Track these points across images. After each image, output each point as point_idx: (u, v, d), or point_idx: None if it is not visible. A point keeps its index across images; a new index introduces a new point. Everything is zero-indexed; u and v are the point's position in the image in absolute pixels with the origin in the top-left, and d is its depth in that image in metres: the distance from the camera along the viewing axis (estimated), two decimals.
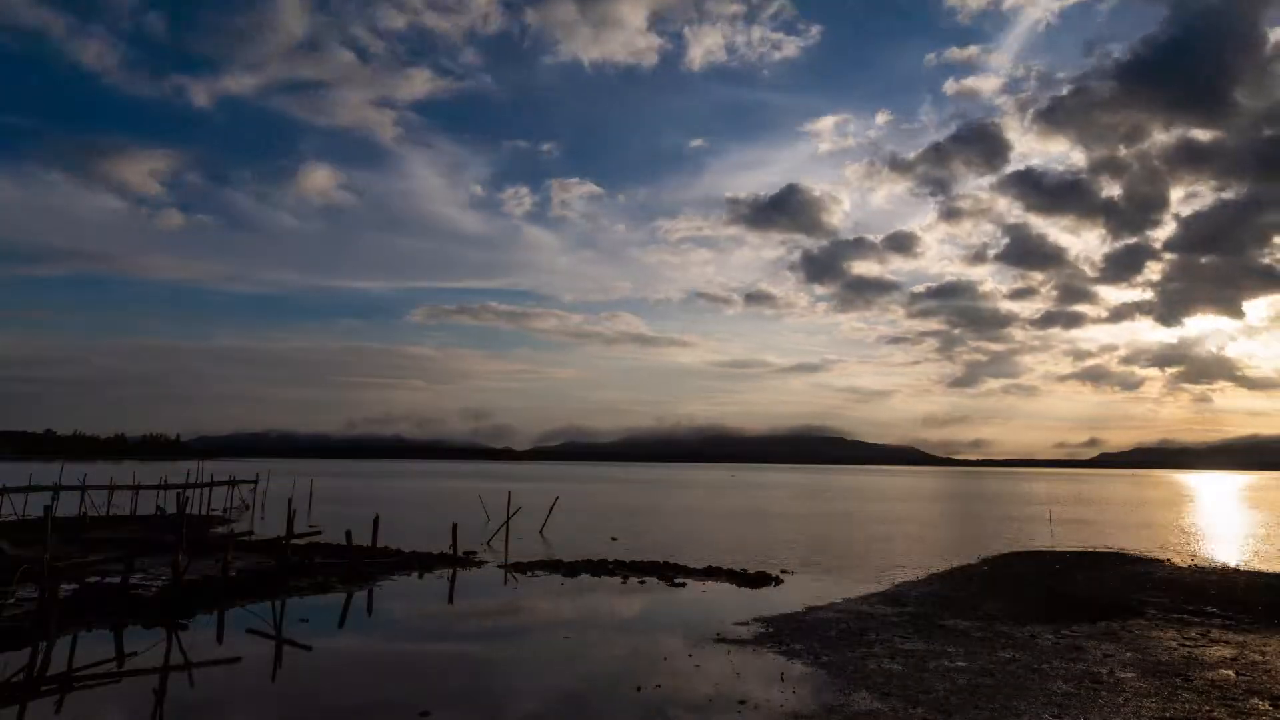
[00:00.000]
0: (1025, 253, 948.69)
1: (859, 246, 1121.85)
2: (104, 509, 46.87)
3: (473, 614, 21.84)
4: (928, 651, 16.69)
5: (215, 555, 26.44)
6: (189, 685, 14.61)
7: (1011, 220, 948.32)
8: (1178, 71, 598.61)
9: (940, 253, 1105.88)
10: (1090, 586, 25.94)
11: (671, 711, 12.94)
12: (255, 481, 61.53)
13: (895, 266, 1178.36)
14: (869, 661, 15.82)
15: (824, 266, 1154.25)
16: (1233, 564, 32.86)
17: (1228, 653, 16.87)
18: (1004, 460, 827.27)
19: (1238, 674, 15.06)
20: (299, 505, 39.66)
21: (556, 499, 52.58)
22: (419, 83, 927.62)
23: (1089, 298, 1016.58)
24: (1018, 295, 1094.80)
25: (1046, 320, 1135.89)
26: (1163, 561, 33.15)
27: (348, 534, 28.80)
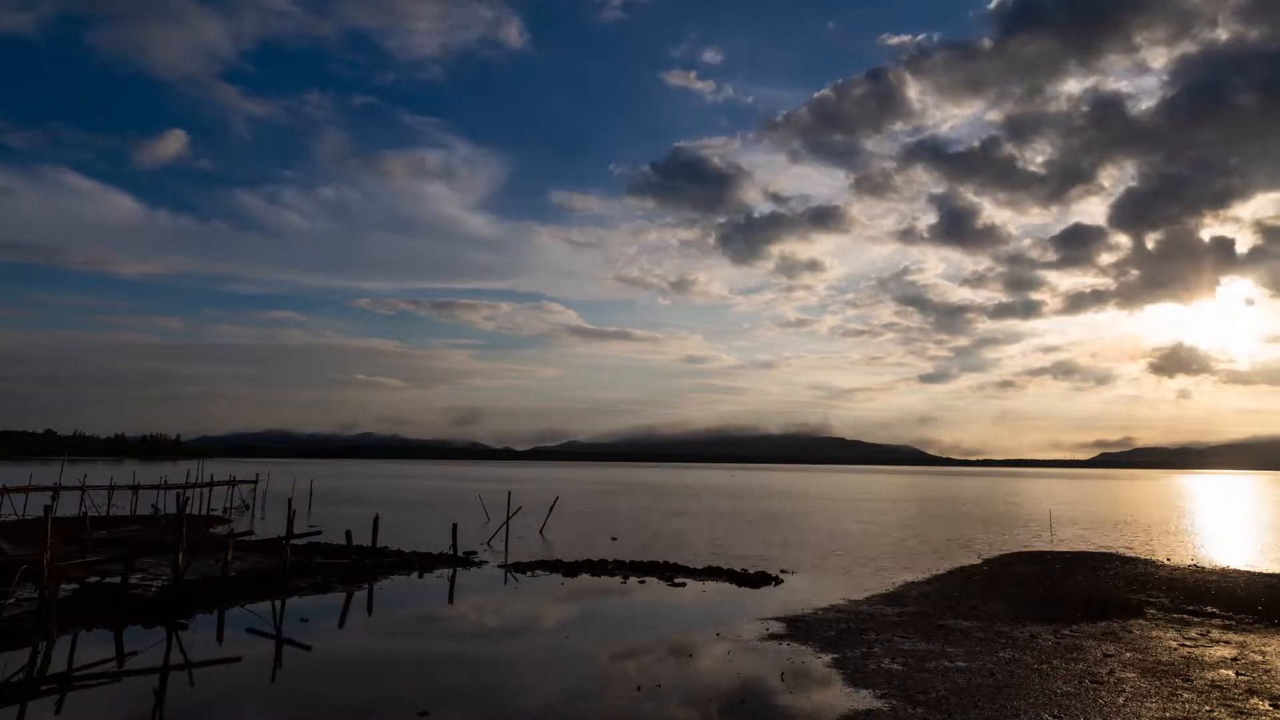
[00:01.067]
0: (959, 230, 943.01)
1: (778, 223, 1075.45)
2: (104, 509, 46.85)
3: (473, 614, 21.84)
4: (928, 651, 16.69)
5: (215, 555, 26.45)
6: (189, 685, 14.61)
7: (937, 191, 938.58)
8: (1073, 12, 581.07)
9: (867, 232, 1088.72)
10: (1090, 586, 25.93)
11: (672, 711, 12.94)
12: (255, 481, 61.53)
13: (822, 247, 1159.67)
14: (869, 661, 15.82)
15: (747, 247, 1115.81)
16: (1233, 564, 32.85)
17: (1228, 653, 16.87)
18: (1003, 460, 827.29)
19: (1238, 674, 15.06)
20: (299, 505, 39.67)
21: (556, 499, 52.61)
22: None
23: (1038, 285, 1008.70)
24: (966, 281, 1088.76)
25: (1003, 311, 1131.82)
26: (1163, 561, 33.14)
27: (348, 534, 28.81)
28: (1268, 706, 12.99)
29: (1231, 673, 15.14)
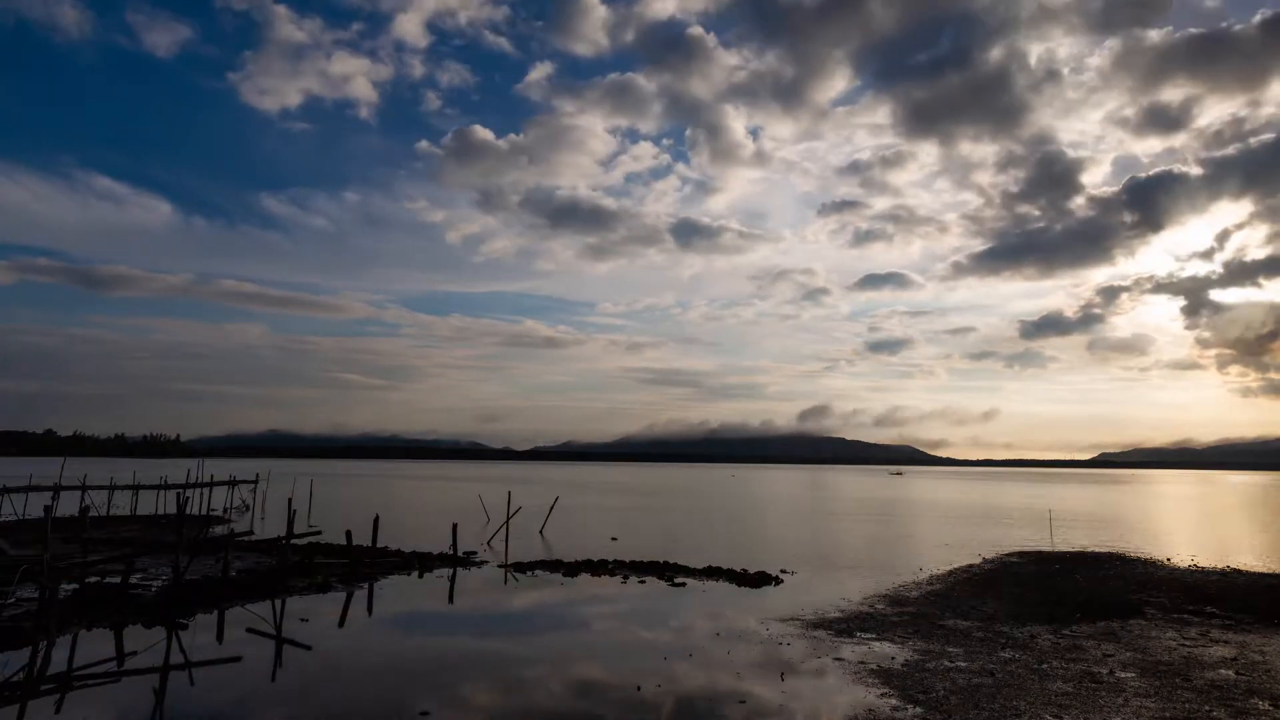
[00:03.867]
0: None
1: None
2: (104, 509, 46.85)
3: (473, 614, 21.84)
4: (928, 651, 16.69)
5: (215, 555, 26.45)
6: (189, 685, 14.61)
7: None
8: None
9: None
10: (1090, 586, 25.93)
11: (672, 710, 12.94)
12: (255, 481, 61.47)
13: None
14: (869, 661, 15.82)
15: None
16: (1233, 564, 32.84)
17: (1228, 653, 16.87)
18: (1002, 460, 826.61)
19: (1238, 674, 15.06)
20: (299, 505, 39.66)
21: (556, 499, 52.59)
22: None
23: None
24: None
25: None
26: (1163, 561, 33.13)
27: (348, 534, 28.82)
28: (1268, 706, 12.99)
29: (1231, 673, 15.14)
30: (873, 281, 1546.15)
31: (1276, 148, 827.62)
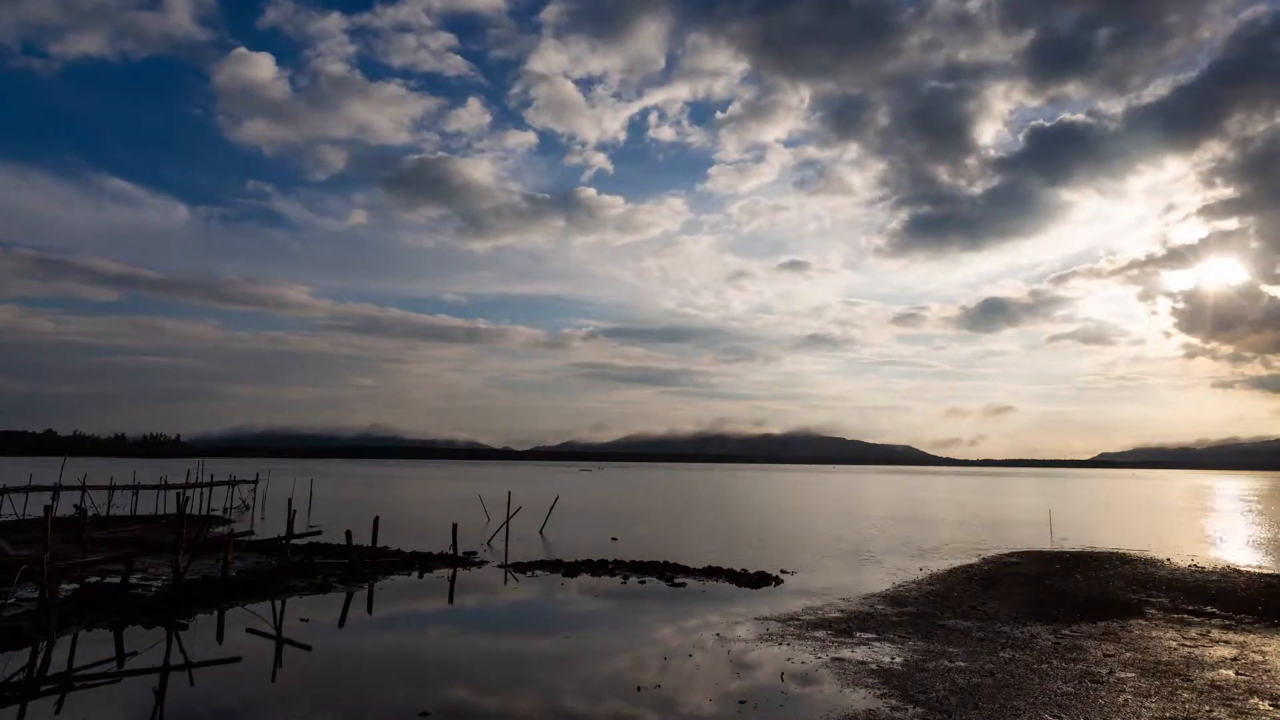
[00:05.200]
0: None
1: None
2: (104, 509, 46.86)
3: (473, 614, 21.85)
4: (928, 651, 16.69)
5: (215, 555, 26.44)
6: (189, 685, 14.61)
7: None
8: None
9: None
10: (1090, 586, 25.94)
11: (671, 711, 12.94)
12: (255, 481, 61.52)
13: None
14: (869, 661, 15.82)
15: None
16: (1233, 564, 32.85)
17: (1228, 653, 16.86)
18: (1003, 461, 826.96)
19: (1238, 674, 15.06)
20: (299, 505, 39.67)
21: (556, 499, 52.58)
22: None
23: None
24: None
25: None
26: (1163, 561, 33.12)
27: (348, 534, 28.82)
28: (1268, 706, 12.99)
29: (1231, 673, 15.14)
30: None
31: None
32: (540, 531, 42.52)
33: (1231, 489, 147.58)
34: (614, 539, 40.08)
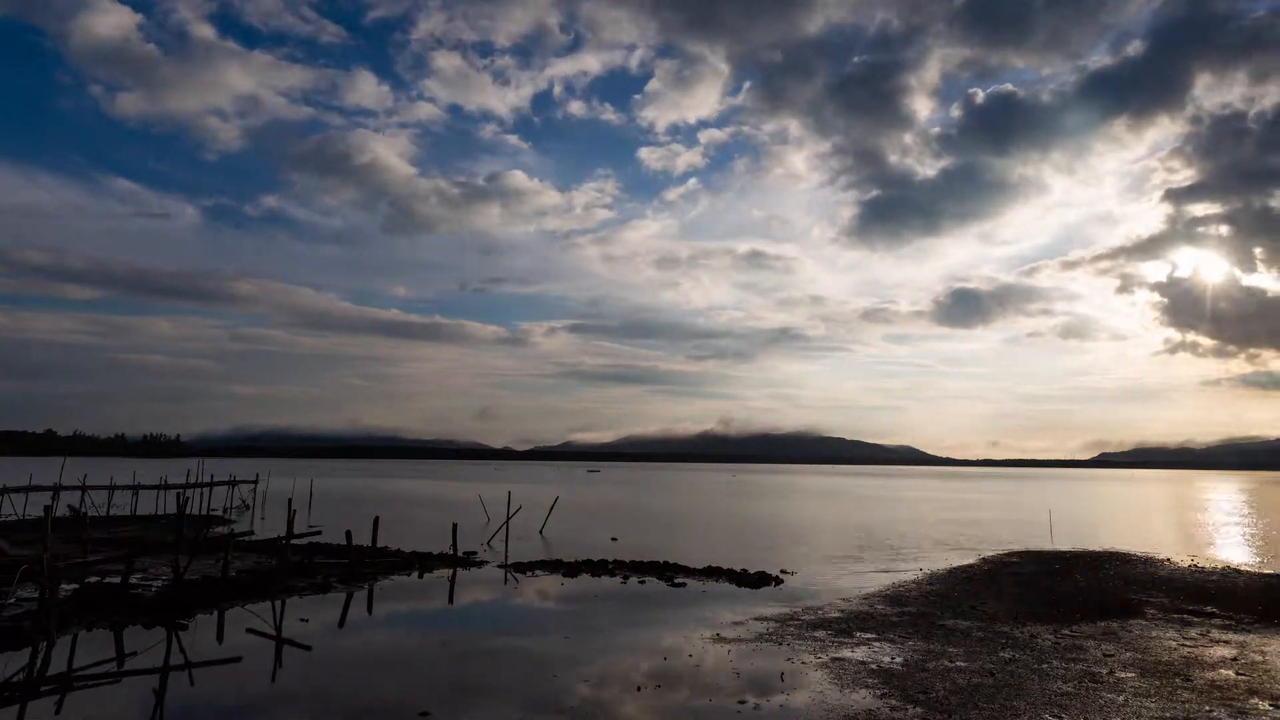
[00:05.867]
0: None
1: None
2: (104, 509, 46.89)
3: (473, 614, 21.84)
4: (928, 651, 16.69)
5: (215, 555, 26.45)
6: (189, 685, 14.61)
7: None
8: None
9: None
10: (1090, 586, 25.94)
11: (671, 712, 12.93)
12: (255, 481, 61.55)
13: None
14: (869, 661, 15.81)
15: None
16: (1233, 564, 32.86)
17: (1228, 653, 16.87)
18: (1002, 461, 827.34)
19: (1238, 674, 15.06)
20: (299, 505, 39.67)
21: (556, 499, 52.58)
22: None
23: None
24: None
25: None
26: (1163, 561, 33.13)
27: (348, 534, 28.82)
28: (1268, 706, 12.99)
29: (1231, 673, 15.14)
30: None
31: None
32: (540, 531, 42.52)
33: (1231, 489, 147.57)
34: (614, 539, 40.07)
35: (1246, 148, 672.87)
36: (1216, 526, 55.90)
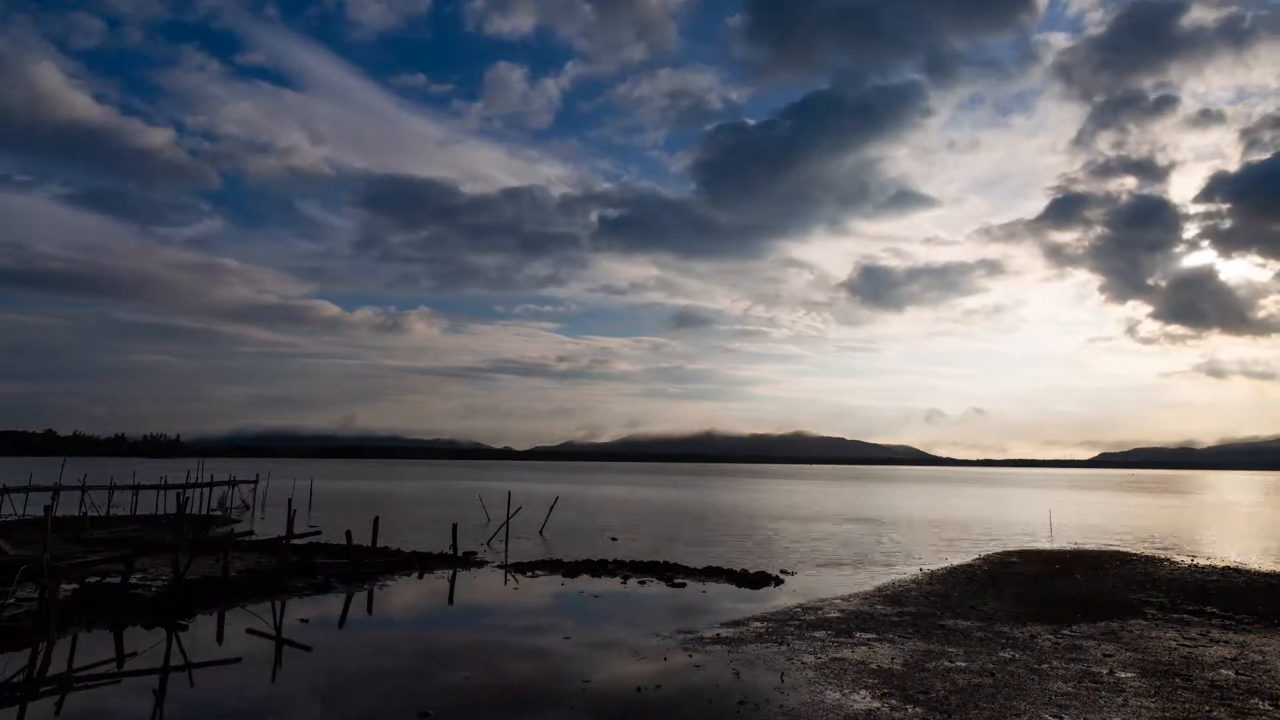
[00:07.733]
0: None
1: None
2: (104, 509, 46.89)
3: (473, 614, 21.83)
4: (927, 651, 16.69)
5: (215, 555, 26.45)
6: (189, 685, 14.61)
7: None
8: None
9: None
10: (1090, 586, 25.94)
11: (671, 712, 12.93)
12: (255, 481, 61.56)
13: None
14: (869, 662, 15.82)
15: None
16: (1233, 564, 32.86)
17: (1228, 653, 16.87)
18: (1002, 460, 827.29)
19: (1238, 674, 15.06)
20: (299, 505, 39.70)
21: (556, 499, 52.61)
22: None
23: None
24: None
25: None
26: (1163, 561, 33.13)
27: (348, 534, 28.83)
28: (1268, 706, 12.99)
29: (1231, 673, 15.14)
30: None
31: None
32: (540, 531, 42.52)
33: (1230, 489, 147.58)
34: (614, 539, 40.08)
35: None
36: (1216, 526, 55.90)
